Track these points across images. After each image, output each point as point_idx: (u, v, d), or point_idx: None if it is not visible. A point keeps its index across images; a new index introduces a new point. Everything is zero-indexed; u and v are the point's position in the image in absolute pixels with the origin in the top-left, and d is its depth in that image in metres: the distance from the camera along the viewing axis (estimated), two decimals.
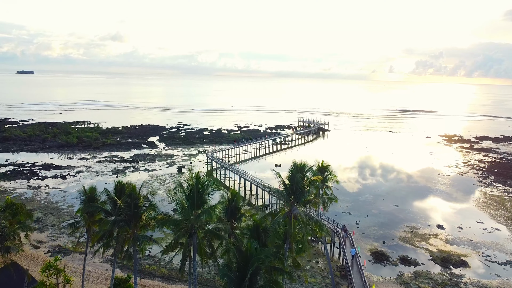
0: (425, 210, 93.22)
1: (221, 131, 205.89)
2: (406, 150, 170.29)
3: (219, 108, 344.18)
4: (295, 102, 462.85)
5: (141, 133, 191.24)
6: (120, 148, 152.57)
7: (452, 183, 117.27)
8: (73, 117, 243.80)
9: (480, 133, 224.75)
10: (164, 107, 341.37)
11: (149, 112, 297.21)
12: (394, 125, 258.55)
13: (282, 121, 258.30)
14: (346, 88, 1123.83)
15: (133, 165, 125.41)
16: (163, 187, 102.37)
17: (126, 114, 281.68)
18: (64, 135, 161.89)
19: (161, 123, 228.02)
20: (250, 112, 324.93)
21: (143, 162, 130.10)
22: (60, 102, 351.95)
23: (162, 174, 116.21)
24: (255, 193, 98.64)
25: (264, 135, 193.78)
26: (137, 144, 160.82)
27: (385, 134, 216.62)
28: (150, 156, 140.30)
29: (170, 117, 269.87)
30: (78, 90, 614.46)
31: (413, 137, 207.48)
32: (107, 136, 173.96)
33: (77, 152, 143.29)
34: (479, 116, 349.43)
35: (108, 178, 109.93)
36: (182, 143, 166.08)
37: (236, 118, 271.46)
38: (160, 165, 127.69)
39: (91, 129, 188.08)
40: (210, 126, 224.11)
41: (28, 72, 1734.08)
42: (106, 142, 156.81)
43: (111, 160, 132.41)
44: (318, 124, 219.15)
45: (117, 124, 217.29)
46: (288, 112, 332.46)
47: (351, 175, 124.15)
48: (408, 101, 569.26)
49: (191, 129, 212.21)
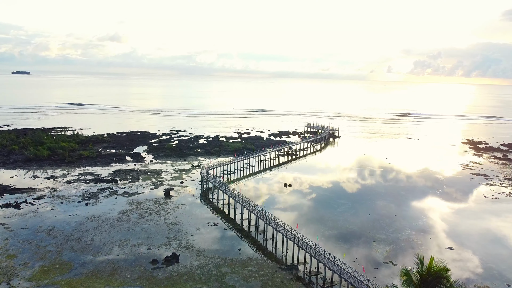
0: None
1: (219, 139, 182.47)
2: (434, 162, 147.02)
3: (217, 111, 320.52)
4: (297, 103, 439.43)
5: (128, 141, 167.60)
6: (99, 162, 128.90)
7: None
8: (54, 122, 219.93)
9: (505, 139, 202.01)
10: (158, 110, 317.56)
11: (141, 116, 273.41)
12: (408, 130, 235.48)
13: (286, 126, 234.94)
14: (347, 89, 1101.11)
15: (111, 187, 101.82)
16: (142, 222, 78.79)
17: (115, 118, 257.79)
18: (34, 146, 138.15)
19: (152, 129, 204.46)
20: (250, 115, 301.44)
21: (124, 182, 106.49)
22: (45, 105, 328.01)
23: (144, 199, 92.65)
24: (264, 231, 75.22)
25: (267, 143, 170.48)
26: (120, 156, 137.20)
27: (403, 141, 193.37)
28: (134, 173, 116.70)
29: (163, 121, 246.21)
30: (70, 91, 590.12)
31: (436, 145, 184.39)
32: (87, 146, 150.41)
33: (46, 168, 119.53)
34: (491, 119, 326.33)
35: (75, 207, 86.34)
36: (173, 155, 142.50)
37: (236, 122, 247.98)
38: (144, 185, 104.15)
39: (69, 137, 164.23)
40: (207, 132, 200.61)
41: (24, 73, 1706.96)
42: (83, 155, 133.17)
43: (84, 179, 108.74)
44: (328, 131, 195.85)
45: (102, 131, 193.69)
46: (291, 115, 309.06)
47: (384, 201, 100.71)
48: (414, 102, 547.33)
49: (185, 136, 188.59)
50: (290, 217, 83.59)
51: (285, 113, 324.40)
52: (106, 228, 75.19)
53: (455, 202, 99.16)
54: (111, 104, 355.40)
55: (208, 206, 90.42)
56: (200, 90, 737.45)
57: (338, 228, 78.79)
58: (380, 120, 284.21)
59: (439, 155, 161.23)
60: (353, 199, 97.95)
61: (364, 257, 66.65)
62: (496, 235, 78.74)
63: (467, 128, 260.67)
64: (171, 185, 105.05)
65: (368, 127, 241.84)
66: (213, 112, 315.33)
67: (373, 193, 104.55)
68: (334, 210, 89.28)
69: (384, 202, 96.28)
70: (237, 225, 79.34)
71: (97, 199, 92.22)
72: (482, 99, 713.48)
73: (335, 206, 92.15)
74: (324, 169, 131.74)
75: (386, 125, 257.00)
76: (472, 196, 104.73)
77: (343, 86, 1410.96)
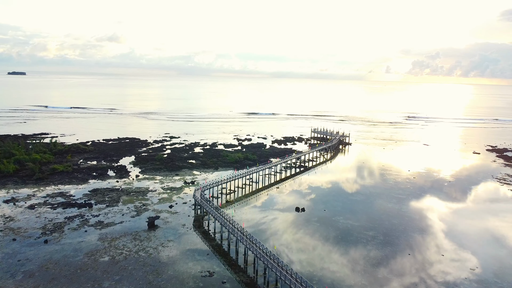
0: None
1: (217, 146, 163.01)
2: (464, 175, 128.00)
3: (215, 114, 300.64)
4: (299, 105, 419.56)
5: (114, 151, 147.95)
6: (75, 178, 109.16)
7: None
8: (35, 128, 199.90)
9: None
10: (153, 113, 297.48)
11: (133, 120, 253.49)
12: (423, 135, 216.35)
13: (290, 131, 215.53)
14: (347, 89, 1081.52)
15: (82, 214, 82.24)
16: (112, 272, 59.20)
17: (104, 122, 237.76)
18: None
19: (143, 135, 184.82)
20: (250, 118, 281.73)
21: (99, 207, 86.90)
22: (31, 108, 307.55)
23: (121, 233, 73.09)
24: (276, 285, 55.87)
25: (271, 152, 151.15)
26: (101, 171, 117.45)
27: (421, 149, 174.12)
28: (114, 193, 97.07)
29: (157, 126, 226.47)
30: (63, 93, 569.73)
31: (457, 153, 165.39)
32: (64, 158, 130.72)
33: (9, 187, 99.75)
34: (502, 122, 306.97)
35: (29, 246, 66.76)
36: (164, 168, 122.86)
37: (235, 127, 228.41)
38: (124, 211, 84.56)
39: (46, 145, 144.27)
40: (203, 139, 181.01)
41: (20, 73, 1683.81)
42: (57, 170, 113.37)
43: (52, 202, 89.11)
44: (338, 137, 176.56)
45: (87, 137, 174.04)
46: (294, 118, 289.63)
47: (422, 233, 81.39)
48: (419, 103, 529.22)
49: (179, 143, 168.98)
50: (308, 260, 64.27)
51: (287, 116, 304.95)
52: (61, 284, 55.49)
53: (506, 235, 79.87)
54: (104, 106, 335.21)
55: (203, 242, 70.91)
56: (198, 91, 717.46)
57: (373, 278, 59.37)
58: (390, 124, 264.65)
59: (466, 166, 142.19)
60: (383, 231, 78.47)
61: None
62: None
63: (481, 132, 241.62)
64: (157, 210, 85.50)
65: (379, 132, 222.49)
66: (211, 115, 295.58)
67: (406, 221, 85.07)
68: (364, 249, 69.81)
69: (423, 235, 76.84)
70: (241, 275, 59.90)
71: (61, 233, 72.60)
72: (486, 100, 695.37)
73: (364, 242, 72.71)
74: (339, 186, 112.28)
75: (398, 130, 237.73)
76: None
77: (343, 86, 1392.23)
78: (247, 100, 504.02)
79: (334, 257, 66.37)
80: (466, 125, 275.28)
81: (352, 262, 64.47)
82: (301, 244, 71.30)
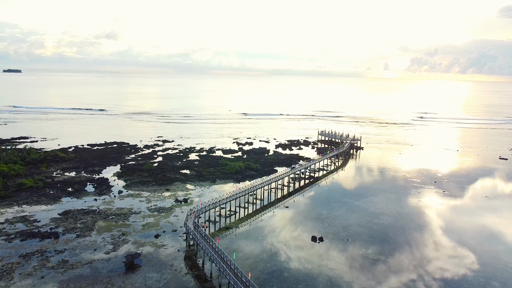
0: None
1: (214, 152, 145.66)
2: (502, 188, 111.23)
3: (213, 114, 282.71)
4: (301, 104, 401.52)
5: (98, 158, 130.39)
6: (44, 196, 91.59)
7: None
8: (14, 131, 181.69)
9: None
10: (147, 113, 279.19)
11: (125, 122, 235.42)
12: (438, 138, 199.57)
13: (295, 133, 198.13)
14: (346, 86, 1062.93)
15: (44, 249, 64.88)
16: None
17: (92, 124, 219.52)
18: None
19: (133, 139, 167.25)
20: (250, 119, 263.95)
21: (68, 238, 69.51)
22: (15, 109, 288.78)
23: (89, 281, 55.74)
24: None
25: (276, 160, 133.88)
26: (78, 185, 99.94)
27: (442, 154, 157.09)
28: (89, 216, 79.63)
29: (149, 128, 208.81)
30: (55, 91, 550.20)
31: (484, 160, 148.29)
32: (39, 168, 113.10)
33: None
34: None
35: None
36: (152, 181, 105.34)
37: (234, 129, 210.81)
38: (98, 244, 67.18)
39: (19, 152, 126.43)
40: (200, 143, 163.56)
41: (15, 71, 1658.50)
42: (25, 185, 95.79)
43: (9, 232, 71.61)
44: (349, 141, 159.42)
45: (70, 142, 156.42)
46: (297, 118, 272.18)
47: (473, 272, 64.43)
48: (424, 102, 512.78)
49: (172, 148, 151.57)
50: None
51: (290, 116, 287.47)
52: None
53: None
54: (96, 106, 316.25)
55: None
56: (195, 89, 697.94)
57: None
58: (401, 126, 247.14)
59: (503, 176, 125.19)
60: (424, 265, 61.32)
61: None
62: None
63: (499, 134, 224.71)
64: (139, 243, 68.14)
65: (391, 135, 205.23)
66: (209, 115, 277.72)
67: (448, 249, 67.97)
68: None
69: (477, 278, 59.76)
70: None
71: (9, 280, 55.20)
72: (490, 98, 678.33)
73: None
74: (359, 203, 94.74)
75: (410, 132, 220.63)
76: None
77: (342, 83, 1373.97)
78: (247, 98, 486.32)
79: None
80: (481, 126, 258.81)
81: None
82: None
